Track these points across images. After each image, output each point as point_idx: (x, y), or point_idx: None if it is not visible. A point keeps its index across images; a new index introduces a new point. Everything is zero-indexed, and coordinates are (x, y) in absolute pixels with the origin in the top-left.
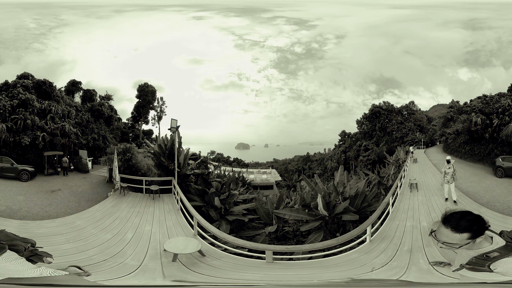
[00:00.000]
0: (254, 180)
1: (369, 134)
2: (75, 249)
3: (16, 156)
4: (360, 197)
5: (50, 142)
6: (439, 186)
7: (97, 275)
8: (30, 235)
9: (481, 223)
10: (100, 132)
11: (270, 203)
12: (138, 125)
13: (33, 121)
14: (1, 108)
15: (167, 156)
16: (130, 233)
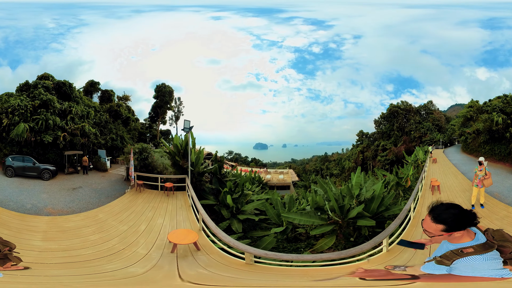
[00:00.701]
0: (271, 180)
1: (387, 134)
2: (101, 239)
3: (37, 155)
4: (376, 200)
5: (70, 142)
6: (462, 188)
7: (117, 263)
8: (60, 229)
9: (463, 219)
10: (118, 133)
11: (280, 204)
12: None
13: (54, 122)
14: (23, 108)
15: (181, 155)
16: (143, 225)
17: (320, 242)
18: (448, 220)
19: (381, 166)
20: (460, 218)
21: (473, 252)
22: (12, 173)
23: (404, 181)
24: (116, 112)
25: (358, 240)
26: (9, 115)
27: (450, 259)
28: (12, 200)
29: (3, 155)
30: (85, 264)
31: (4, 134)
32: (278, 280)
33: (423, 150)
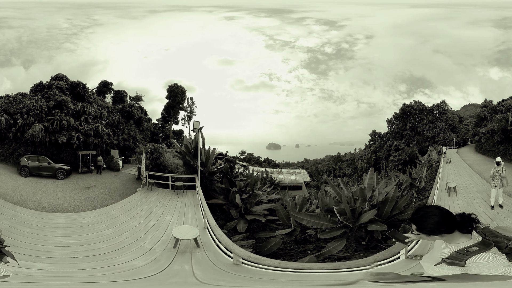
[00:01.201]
0: (283, 181)
1: (399, 134)
2: (113, 233)
3: (51, 155)
4: (390, 203)
5: (84, 142)
6: (479, 188)
7: (126, 256)
8: (77, 225)
9: (447, 223)
10: (130, 133)
11: (291, 205)
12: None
13: (69, 122)
14: (38, 109)
15: (192, 155)
16: (152, 221)
17: (329, 245)
18: (434, 229)
19: (394, 166)
20: (443, 224)
21: (479, 251)
22: (27, 173)
23: (417, 182)
24: (129, 113)
25: (371, 244)
26: (24, 115)
27: (461, 260)
28: (29, 199)
29: (17, 155)
30: (102, 257)
31: (19, 134)
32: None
33: (437, 150)
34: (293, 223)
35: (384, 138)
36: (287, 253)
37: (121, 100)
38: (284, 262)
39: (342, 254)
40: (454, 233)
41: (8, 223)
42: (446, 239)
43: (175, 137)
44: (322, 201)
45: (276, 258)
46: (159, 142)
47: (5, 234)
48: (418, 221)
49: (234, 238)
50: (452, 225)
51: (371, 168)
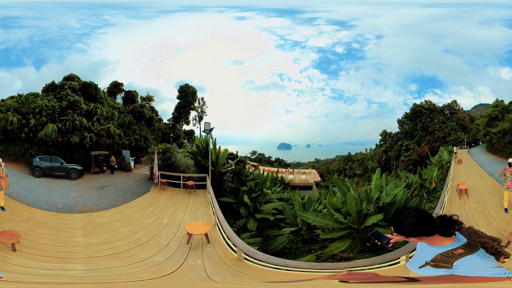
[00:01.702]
0: (293, 180)
1: (410, 134)
2: (129, 231)
3: (64, 155)
4: (397, 206)
5: (96, 142)
6: (491, 190)
7: (145, 253)
8: (94, 225)
9: (423, 226)
10: (142, 133)
11: (299, 204)
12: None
13: (81, 122)
14: (51, 109)
15: (203, 155)
16: (166, 219)
17: (332, 245)
18: (409, 231)
19: (405, 167)
20: (420, 226)
21: (465, 253)
22: (40, 173)
23: (428, 182)
24: (140, 113)
25: (376, 245)
26: (36, 115)
27: (447, 262)
28: (43, 200)
29: (29, 155)
30: (124, 255)
31: (31, 135)
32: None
33: (448, 150)
34: (300, 222)
35: (395, 138)
36: (293, 252)
37: (132, 100)
38: (283, 260)
39: (346, 255)
40: (435, 236)
41: (24, 225)
42: (428, 241)
43: (186, 137)
44: (330, 201)
45: (281, 256)
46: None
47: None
48: (395, 223)
49: (242, 236)
50: (430, 228)
51: (378, 168)
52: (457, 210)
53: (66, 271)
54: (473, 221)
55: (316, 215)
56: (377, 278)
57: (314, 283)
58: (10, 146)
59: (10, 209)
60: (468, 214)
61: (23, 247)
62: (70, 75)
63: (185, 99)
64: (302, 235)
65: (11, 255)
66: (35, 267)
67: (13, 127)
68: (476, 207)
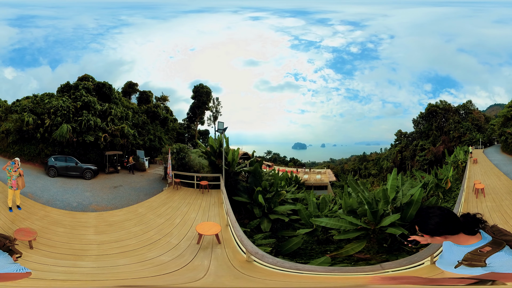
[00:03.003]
0: (308, 180)
1: (425, 134)
2: (141, 230)
3: (78, 155)
4: (414, 206)
5: (111, 142)
6: (507, 190)
7: (154, 252)
8: (107, 223)
9: (448, 225)
10: (156, 133)
11: (314, 205)
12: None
13: (95, 122)
14: (65, 109)
15: (217, 155)
16: (178, 218)
17: (348, 246)
18: (434, 230)
19: (420, 167)
20: (444, 225)
21: (492, 250)
22: (55, 173)
23: (443, 182)
24: (154, 113)
25: (394, 246)
26: (52, 115)
27: (479, 260)
28: (58, 199)
29: (44, 155)
30: (134, 253)
31: (46, 135)
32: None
33: (463, 150)
34: (314, 222)
35: (410, 138)
36: (307, 253)
37: (146, 100)
38: (295, 264)
39: (362, 256)
40: (460, 234)
41: (40, 223)
42: (454, 240)
43: (201, 137)
44: (345, 202)
45: (295, 257)
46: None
47: (40, 234)
48: (419, 222)
49: (256, 237)
50: (455, 227)
51: (394, 168)
52: (474, 209)
53: (78, 268)
54: (490, 220)
55: (330, 217)
56: (434, 281)
57: None
58: (26, 146)
59: (26, 208)
60: (485, 213)
61: (39, 244)
62: (85, 75)
63: (199, 99)
64: (317, 236)
65: (29, 253)
66: (51, 264)
67: (28, 127)
68: (493, 206)
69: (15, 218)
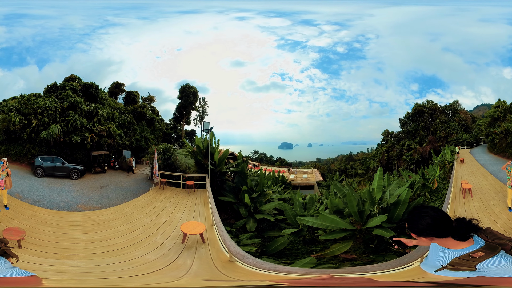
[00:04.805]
0: (295, 180)
1: (412, 134)
2: (128, 230)
3: (65, 155)
4: (401, 206)
5: (97, 142)
6: (494, 190)
7: (140, 250)
8: (94, 223)
9: (438, 228)
10: (142, 133)
11: (299, 205)
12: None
13: (82, 123)
14: (52, 110)
15: (203, 155)
16: (164, 218)
17: (333, 247)
18: (422, 231)
19: (406, 166)
20: (433, 227)
21: (486, 256)
22: (42, 173)
23: (430, 182)
24: (141, 113)
25: (380, 246)
26: (38, 116)
27: (469, 265)
28: (45, 199)
29: (31, 155)
30: (120, 252)
31: (33, 135)
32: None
33: (450, 150)
34: (300, 222)
35: (397, 138)
36: (293, 253)
37: (133, 101)
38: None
39: (348, 256)
40: (448, 238)
41: (28, 223)
42: (440, 243)
43: (187, 137)
44: (331, 202)
45: (281, 257)
46: (171, 142)
47: (27, 234)
48: (410, 220)
49: (241, 237)
50: (444, 230)
51: (380, 168)
52: (461, 209)
53: (66, 267)
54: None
55: (316, 217)
56: (371, 283)
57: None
58: (12, 146)
59: (14, 208)
60: (473, 213)
61: (27, 244)
62: (71, 76)
63: (186, 99)
64: (303, 236)
65: (18, 252)
66: (40, 263)
67: (15, 127)
68: (480, 206)
69: (3, 218)
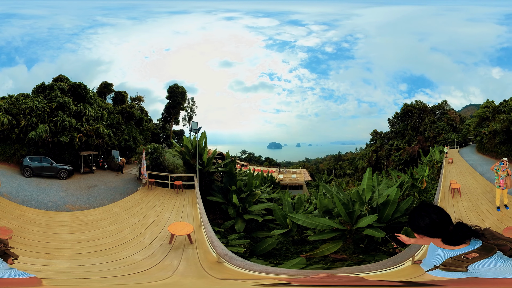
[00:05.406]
0: (283, 180)
1: (401, 134)
2: (116, 230)
3: (54, 156)
4: (391, 206)
5: (85, 142)
6: (483, 189)
7: (127, 251)
8: (82, 223)
9: (438, 228)
10: (131, 133)
11: (289, 205)
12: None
13: (70, 123)
14: (41, 110)
15: (191, 155)
16: (152, 218)
17: (323, 247)
18: (417, 229)
19: (395, 166)
20: (435, 228)
21: (480, 257)
22: (30, 173)
23: (419, 182)
24: (129, 114)
25: (370, 246)
26: (27, 116)
27: (460, 266)
28: (33, 199)
29: (20, 155)
30: (107, 252)
31: (22, 135)
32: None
33: (439, 150)
34: (289, 223)
35: (385, 138)
36: (282, 254)
37: (121, 101)
38: (264, 267)
39: (338, 256)
40: (438, 239)
41: (16, 223)
42: (436, 243)
43: (176, 137)
44: (321, 202)
45: (270, 258)
46: (160, 142)
47: (15, 233)
48: (410, 217)
49: (230, 237)
50: (437, 232)
51: (369, 167)
52: (450, 209)
53: (51, 267)
54: (467, 219)
55: (306, 216)
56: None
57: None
58: (1, 146)
59: (2, 207)
60: (461, 212)
61: (15, 243)
62: (60, 76)
63: (174, 99)
64: (292, 236)
65: None
66: (26, 262)
67: (3, 127)
68: (469, 205)
69: None
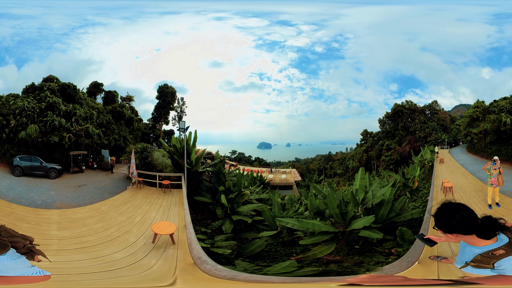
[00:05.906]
0: (273, 180)
1: (391, 134)
2: (102, 228)
3: (43, 155)
4: (386, 206)
5: (75, 142)
6: (474, 188)
7: (110, 248)
8: (70, 220)
9: (469, 224)
10: (121, 133)
11: (278, 206)
12: (159, 126)
13: (60, 123)
14: (30, 110)
15: (180, 154)
16: (139, 217)
17: (315, 249)
18: (450, 228)
19: (386, 166)
20: (459, 225)
21: (506, 254)
22: (20, 173)
23: (411, 182)
24: (119, 113)
25: (365, 248)
26: (17, 116)
27: (488, 263)
28: (23, 197)
29: (10, 155)
30: (91, 249)
31: (12, 135)
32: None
33: (430, 149)
34: (279, 225)
35: (376, 138)
36: (271, 256)
37: (111, 100)
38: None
39: (332, 258)
40: (472, 235)
41: (6, 219)
42: (466, 240)
43: (166, 137)
44: (312, 203)
45: (258, 260)
46: (149, 142)
47: None
48: (437, 217)
49: (217, 238)
50: (468, 228)
51: (362, 167)
52: None
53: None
54: None
55: (296, 219)
56: (406, 281)
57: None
58: None
59: None
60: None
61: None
62: (49, 76)
63: (164, 99)
64: (282, 238)
65: None
66: None
67: None
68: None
69: None
